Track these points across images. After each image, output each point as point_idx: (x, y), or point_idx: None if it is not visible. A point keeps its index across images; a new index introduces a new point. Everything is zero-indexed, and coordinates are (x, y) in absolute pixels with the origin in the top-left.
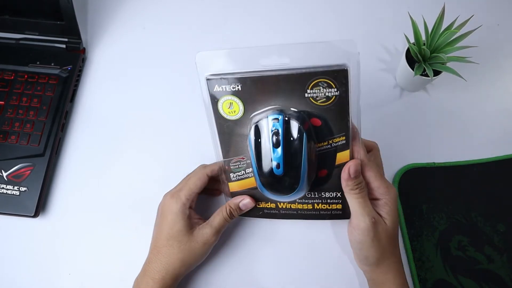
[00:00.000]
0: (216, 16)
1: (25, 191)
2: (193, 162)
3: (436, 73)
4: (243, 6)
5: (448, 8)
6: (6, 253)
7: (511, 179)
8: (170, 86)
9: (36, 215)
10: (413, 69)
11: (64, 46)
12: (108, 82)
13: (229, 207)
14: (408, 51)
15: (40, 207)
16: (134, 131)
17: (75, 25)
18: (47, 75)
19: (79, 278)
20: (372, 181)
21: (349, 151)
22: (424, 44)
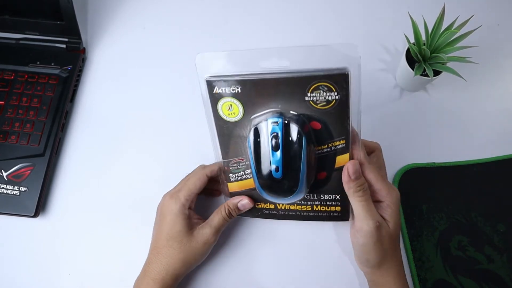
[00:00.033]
0: (216, 16)
1: (25, 191)
2: (193, 162)
3: (436, 73)
4: (243, 6)
5: (448, 8)
6: (6, 253)
7: (511, 179)
8: (170, 86)
9: (36, 215)
10: (413, 69)
11: (64, 46)
12: (108, 82)
13: (227, 207)
14: (408, 51)
15: (40, 207)
16: (134, 131)
17: (75, 25)
18: (47, 75)
19: (79, 278)
20: (373, 183)
21: (348, 154)
22: (424, 44)
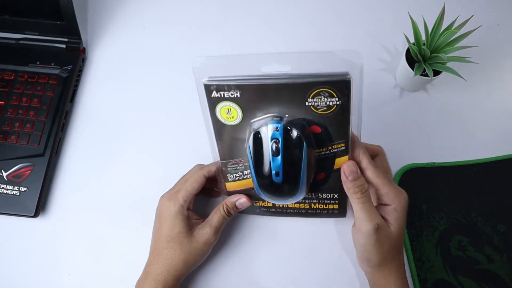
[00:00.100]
0: (216, 16)
1: (25, 191)
2: (193, 162)
3: (436, 73)
4: (243, 6)
5: (448, 8)
6: (6, 253)
7: (511, 179)
8: (170, 86)
9: (36, 215)
10: (413, 69)
11: (64, 46)
12: (108, 82)
13: (226, 206)
14: (408, 51)
15: (40, 207)
16: (134, 131)
17: (75, 25)
18: (47, 75)
19: (79, 278)
20: (380, 187)
21: (347, 157)
22: (424, 44)
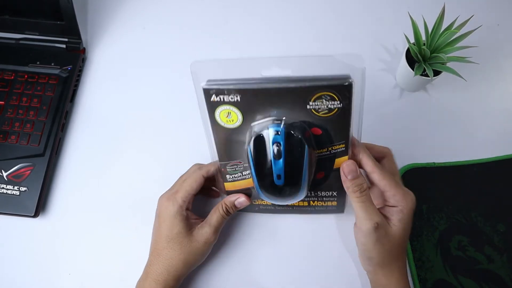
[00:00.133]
0: (216, 16)
1: (25, 191)
2: (192, 162)
3: (436, 73)
4: (243, 6)
5: (448, 8)
6: (6, 253)
7: (511, 179)
8: (170, 86)
9: (36, 215)
10: (413, 69)
11: (64, 46)
12: (108, 82)
13: (225, 205)
14: (408, 51)
15: (40, 207)
16: (134, 131)
17: (75, 25)
18: (47, 75)
19: (79, 278)
20: (387, 189)
21: (347, 157)
22: (424, 44)
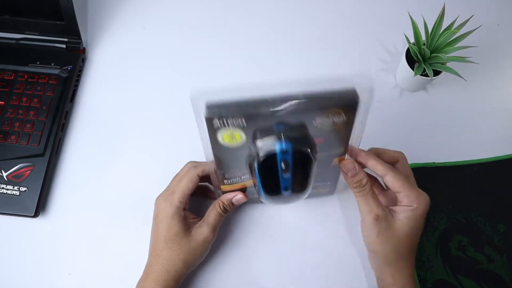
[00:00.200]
0: (216, 16)
1: (25, 191)
2: None
3: (436, 73)
4: (243, 6)
5: (448, 8)
6: (6, 253)
7: (511, 179)
8: (170, 86)
9: (36, 215)
10: (413, 69)
11: (64, 46)
12: (108, 82)
13: (222, 203)
14: (408, 51)
15: (40, 207)
16: (134, 131)
17: (75, 25)
18: (47, 75)
19: (79, 278)
20: (401, 190)
21: (344, 157)
22: (424, 44)
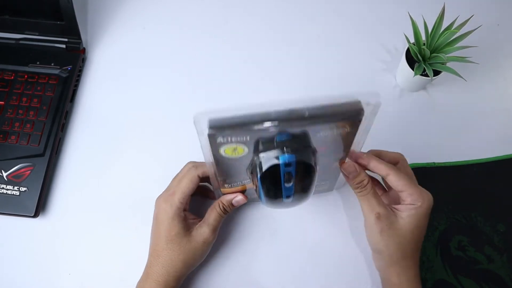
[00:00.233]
0: (216, 16)
1: (25, 191)
2: None
3: (436, 73)
4: (243, 6)
5: (448, 8)
6: (6, 253)
7: (511, 179)
8: (170, 86)
9: (36, 215)
10: (413, 69)
11: (64, 46)
12: (108, 82)
13: (222, 203)
14: (408, 51)
15: (40, 207)
16: (134, 131)
17: (75, 25)
18: (47, 75)
19: (79, 278)
20: (405, 189)
21: (345, 160)
22: (424, 44)
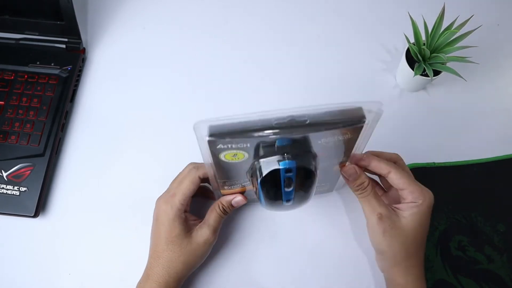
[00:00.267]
0: (216, 16)
1: (25, 191)
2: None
3: (436, 73)
4: (243, 6)
5: (448, 8)
6: (6, 253)
7: (511, 179)
8: (170, 86)
9: (36, 215)
10: (413, 69)
11: (64, 46)
12: (108, 82)
13: (221, 204)
14: (408, 51)
15: (40, 207)
16: (134, 131)
17: (75, 25)
18: (47, 75)
19: (79, 278)
20: (405, 187)
21: (346, 163)
22: (424, 44)
